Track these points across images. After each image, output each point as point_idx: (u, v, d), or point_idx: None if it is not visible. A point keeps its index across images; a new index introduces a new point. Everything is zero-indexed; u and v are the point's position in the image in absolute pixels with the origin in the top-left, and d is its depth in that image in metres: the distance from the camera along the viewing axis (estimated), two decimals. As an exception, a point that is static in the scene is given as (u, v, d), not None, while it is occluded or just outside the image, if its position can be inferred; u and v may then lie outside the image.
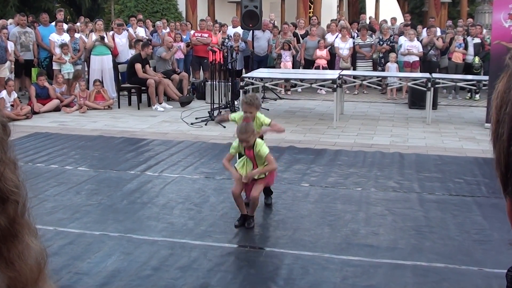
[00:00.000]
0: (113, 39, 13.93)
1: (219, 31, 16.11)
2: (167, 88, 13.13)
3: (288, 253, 5.11)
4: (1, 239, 0.77)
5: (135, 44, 13.83)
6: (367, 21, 19.27)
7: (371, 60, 15.11)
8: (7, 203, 0.77)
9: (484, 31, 15.31)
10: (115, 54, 13.98)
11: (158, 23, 16.43)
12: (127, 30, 14.82)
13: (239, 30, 15.44)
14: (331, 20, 17.55)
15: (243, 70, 15.20)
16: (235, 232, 5.61)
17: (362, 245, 5.29)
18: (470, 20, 18.86)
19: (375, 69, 14.95)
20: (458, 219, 5.96)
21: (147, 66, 13.01)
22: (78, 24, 15.67)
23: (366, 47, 15.10)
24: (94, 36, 13.45)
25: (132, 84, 12.99)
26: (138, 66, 12.66)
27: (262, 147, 5.73)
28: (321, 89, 14.33)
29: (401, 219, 5.98)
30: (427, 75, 11.91)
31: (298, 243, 5.34)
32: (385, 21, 18.10)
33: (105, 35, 13.51)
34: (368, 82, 12.77)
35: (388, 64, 14.34)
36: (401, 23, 17.70)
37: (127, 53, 14.25)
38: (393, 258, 4.99)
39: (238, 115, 6.48)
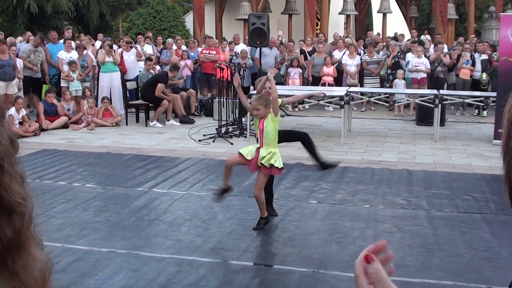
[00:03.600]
0: (122, 57, 14.03)
1: (228, 48, 16.18)
2: (175, 104, 13.17)
3: (296, 270, 5.09)
4: (6, 249, 0.77)
5: (145, 62, 13.92)
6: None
7: (378, 77, 15.13)
8: (14, 215, 0.78)
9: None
10: (123, 72, 14.07)
11: (169, 40, 16.49)
12: (136, 48, 14.92)
13: (246, 47, 15.48)
14: (337, 36, 17.54)
15: (251, 87, 15.22)
16: (243, 249, 5.59)
17: (370, 262, 5.25)
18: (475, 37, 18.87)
19: (382, 86, 14.96)
20: (467, 236, 5.93)
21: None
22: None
23: (373, 64, 15.13)
24: (103, 52, 13.58)
25: (145, 100, 13.00)
26: (160, 86, 12.64)
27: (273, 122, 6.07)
28: (328, 106, 14.37)
29: (409, 236, 5.95)
30: (434, 91, 11.89)
31: (306, 261, 5.31)
32: (392, 38, 18.10)
33: (113, 45, 13.60)
34: (376, 99, 12.77)
35: (396, 80, 14.34)
36: (407, 40, 17.70)
37: (135, 70, 14.34)
38: (402, 276, 4.95)
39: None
